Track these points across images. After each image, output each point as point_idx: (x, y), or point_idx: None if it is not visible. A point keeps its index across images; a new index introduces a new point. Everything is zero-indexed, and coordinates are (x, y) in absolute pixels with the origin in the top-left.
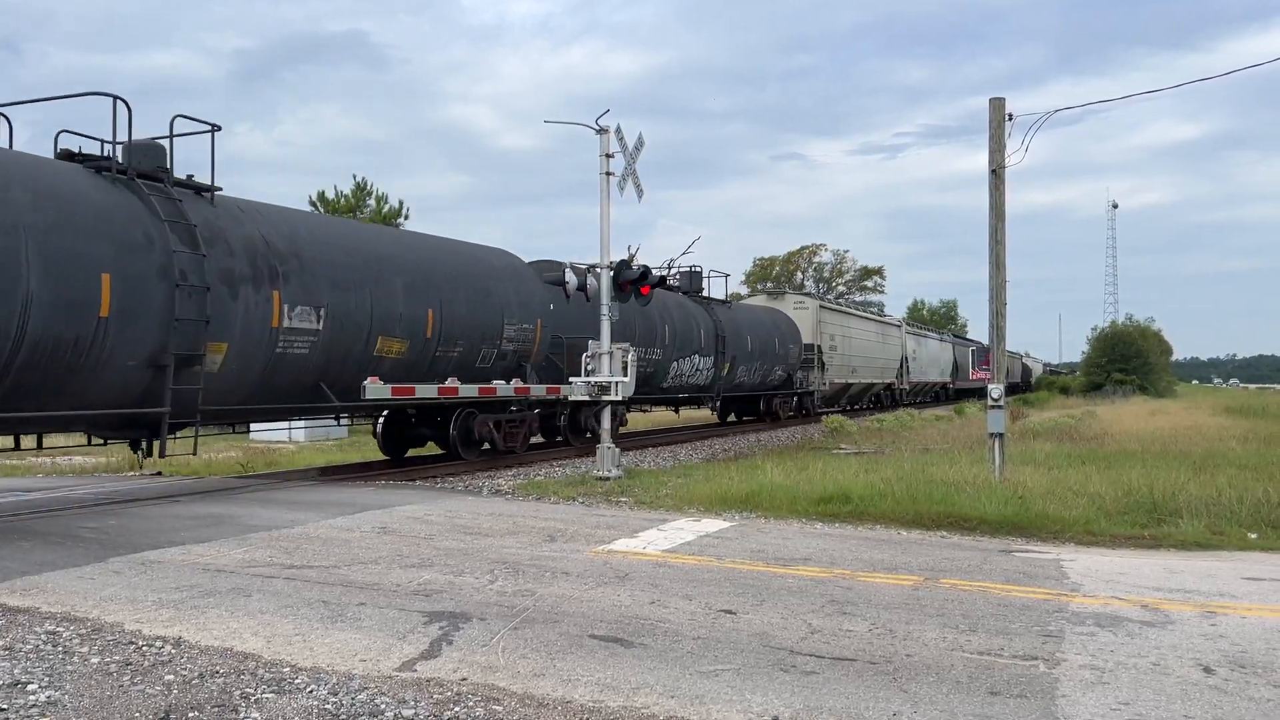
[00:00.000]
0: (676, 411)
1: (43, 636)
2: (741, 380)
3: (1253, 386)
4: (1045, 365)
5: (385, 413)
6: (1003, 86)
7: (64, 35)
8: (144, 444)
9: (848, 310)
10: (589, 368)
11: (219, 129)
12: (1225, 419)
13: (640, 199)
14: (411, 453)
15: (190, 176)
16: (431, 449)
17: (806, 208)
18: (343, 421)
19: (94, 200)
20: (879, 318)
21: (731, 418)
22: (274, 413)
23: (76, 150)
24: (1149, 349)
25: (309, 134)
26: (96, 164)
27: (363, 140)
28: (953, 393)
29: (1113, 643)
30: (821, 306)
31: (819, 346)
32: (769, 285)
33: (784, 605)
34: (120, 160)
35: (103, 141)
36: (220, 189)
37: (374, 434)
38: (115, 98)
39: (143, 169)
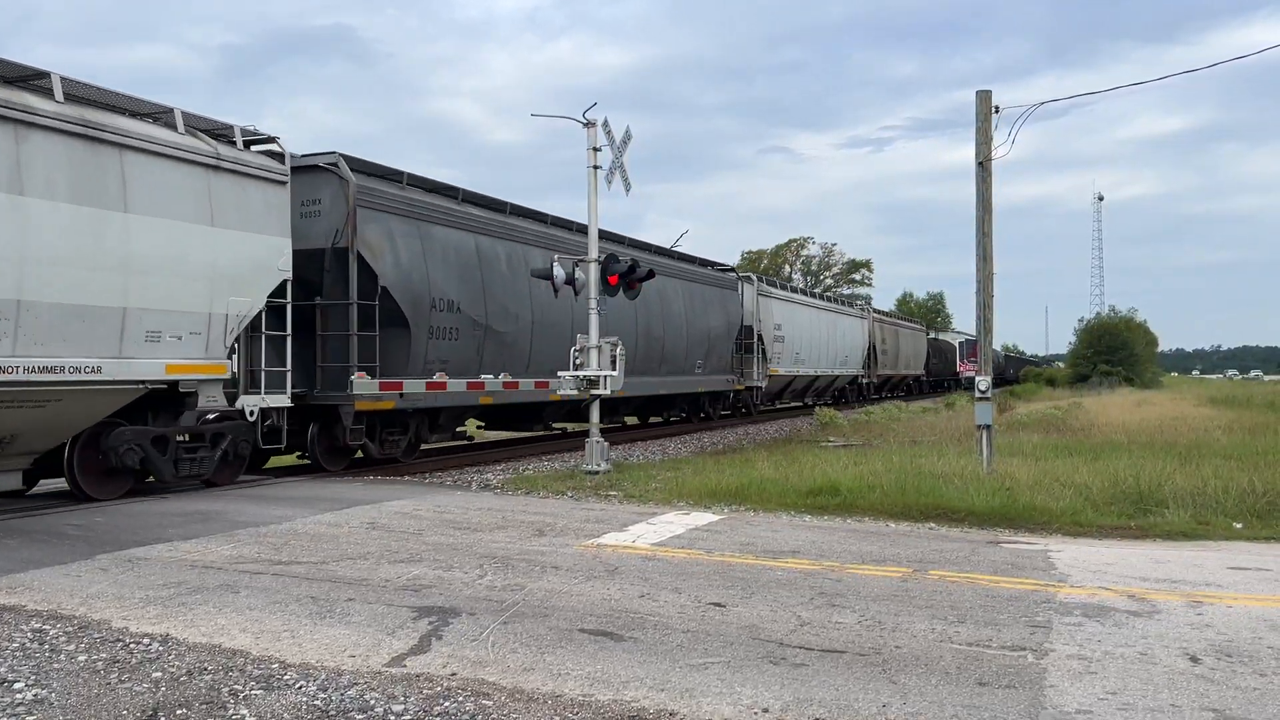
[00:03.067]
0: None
1: (29, 635)
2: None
3: (1239, 376)
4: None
5: None
6: (990, 80)
7: (48, 30)
8: None
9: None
10: (577, 362)
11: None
12: (1210, 409)
13: (628, 192)
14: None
15: None
16: None
17: (794, 201)
18: None
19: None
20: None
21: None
22: None
23: None
24: (1135, 340)
25: (295, 128)
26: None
27: (350, 134)
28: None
29: (1100, 633)
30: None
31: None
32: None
33: (773, 598)
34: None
35: None
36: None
37: None
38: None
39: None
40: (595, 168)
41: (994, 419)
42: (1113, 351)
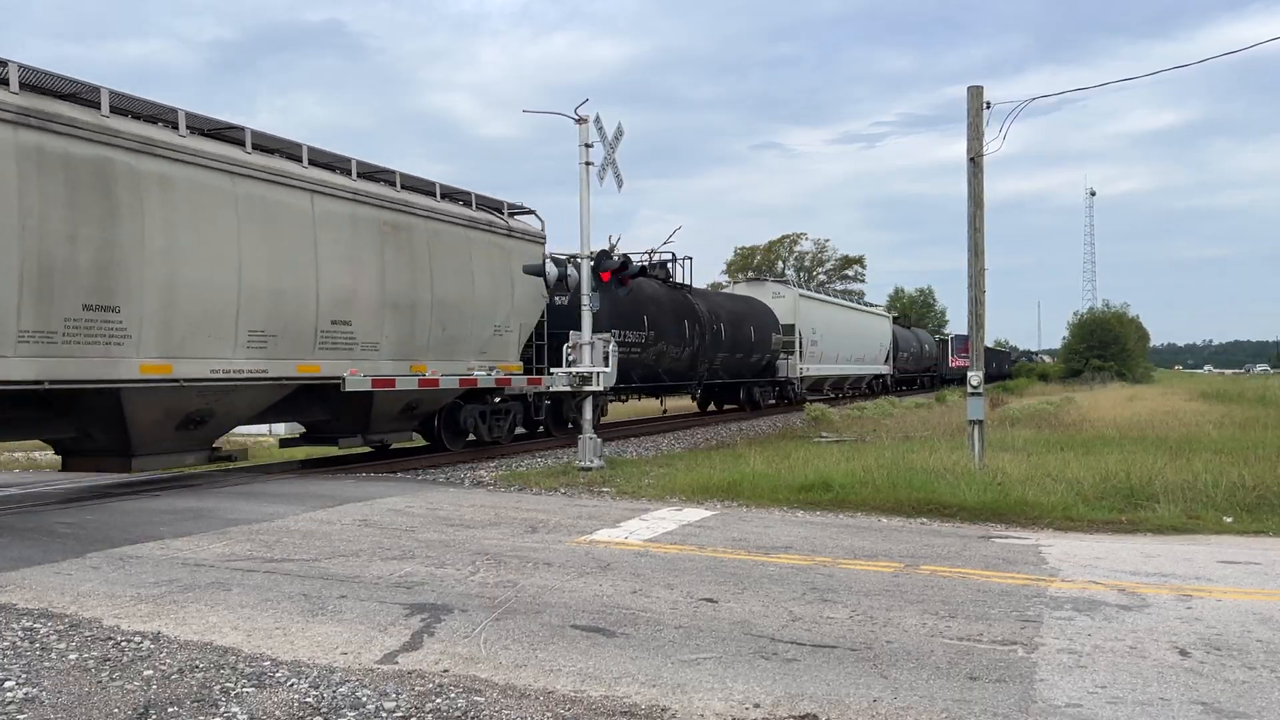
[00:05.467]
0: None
1: (19, 633)
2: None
3: (1229, 372)
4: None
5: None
6: (982, 76)
7: (39, 25)
8: None
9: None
10: (570, 358)
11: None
12: (1201, 404)
13: (620, 188)
14: None
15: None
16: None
17: (787, 196)
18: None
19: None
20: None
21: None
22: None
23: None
24: (1126, 335)
25: (287, 123)
26: (662, 280)
27: (341, 129)
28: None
29: (1090, 627)
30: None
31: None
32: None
33: (765, 593)
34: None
35: None
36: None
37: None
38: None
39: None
40: (587, 164)
41: (986, 414)
42: (1105, 346)
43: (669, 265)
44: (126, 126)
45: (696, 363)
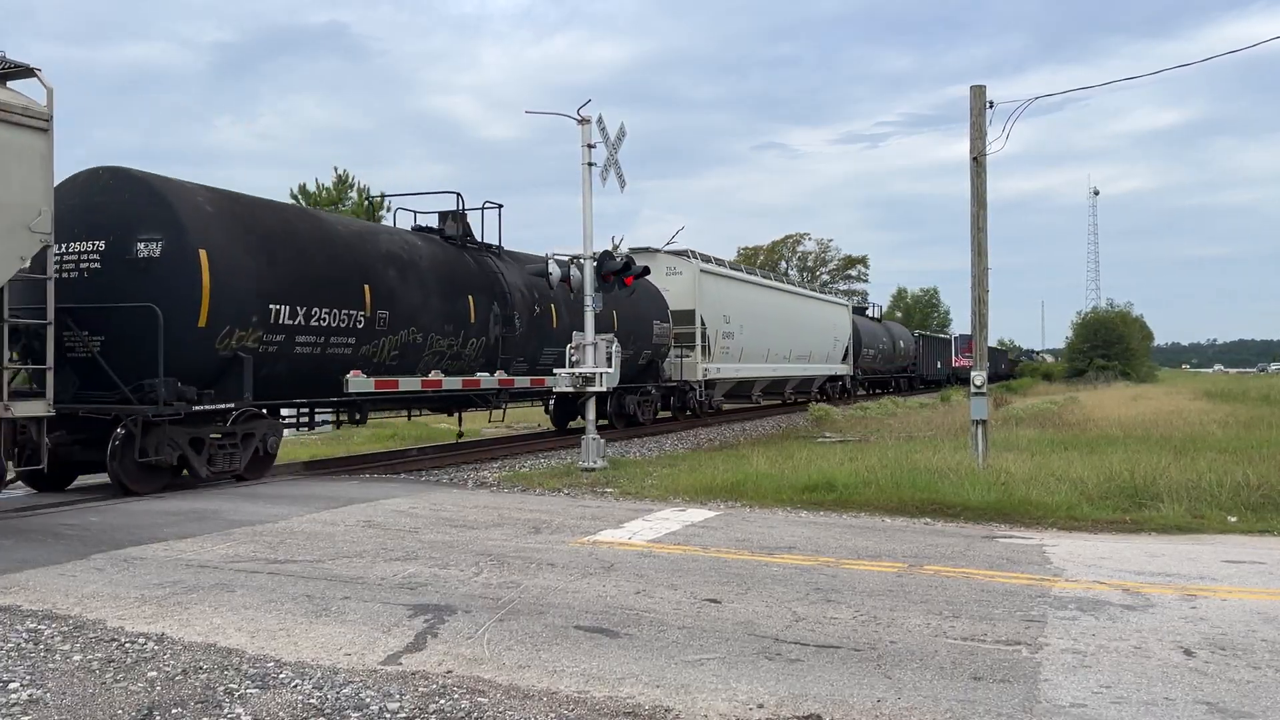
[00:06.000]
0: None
1: (24, 635)
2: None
3: (1247, 370)
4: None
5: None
6: (984, 75)
7: (44, 28)
8: None
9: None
10: (573, 359)
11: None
12: (1206, 403)
13: (622, 189)
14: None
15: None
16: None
17: (789, 196)
18: None
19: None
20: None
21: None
22: None
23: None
24: (1130, 335)
25: (289, 126)
26: (439, 234)
27: (343, 131)
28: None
29: (1094, 626)
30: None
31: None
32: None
33: (769, 594)
34: (448, 232)
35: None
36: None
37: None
38: (458, 194)
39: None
40: (590, 165)
41: (990, 414)
42: (1108, 346)
43: (456, 216)
44: None
45: (495, 360)
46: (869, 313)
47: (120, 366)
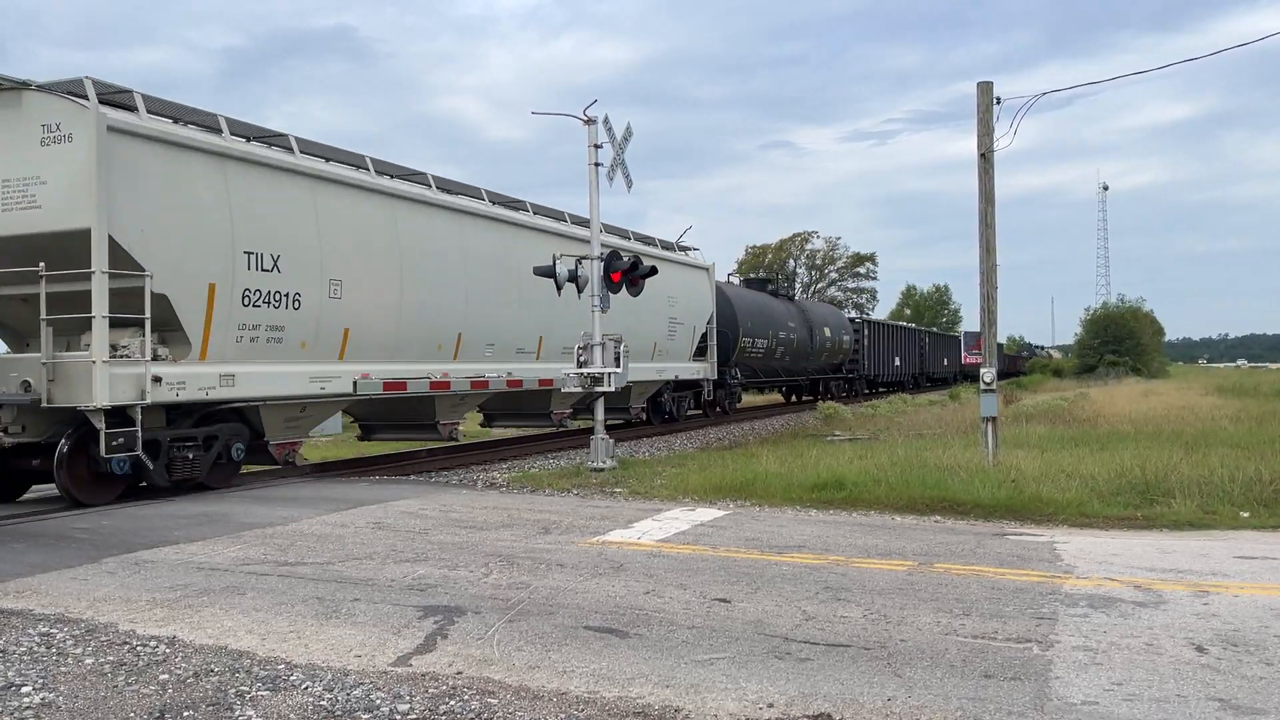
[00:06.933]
0: None
1: (36, 638)
2: None
3: (1273, 366)
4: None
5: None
6: (992, 71)
7: (50, 34)
8: None
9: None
10: (581, 359)
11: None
12: (1217, 399)
13: (629, 189)
14: None
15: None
16: None
17: (797, 195)
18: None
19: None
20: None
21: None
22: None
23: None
24: (1141, 330)
25: (296, 129)
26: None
27: (351, 133)
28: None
29: (1106, 624)
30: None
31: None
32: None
33: (778, 593)
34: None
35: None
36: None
37: None
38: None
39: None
40: (596, 165)
41: (999, 410)
42: (1119, 341)
43: None
44: None
45: None
46: (797, 296)
47: None
